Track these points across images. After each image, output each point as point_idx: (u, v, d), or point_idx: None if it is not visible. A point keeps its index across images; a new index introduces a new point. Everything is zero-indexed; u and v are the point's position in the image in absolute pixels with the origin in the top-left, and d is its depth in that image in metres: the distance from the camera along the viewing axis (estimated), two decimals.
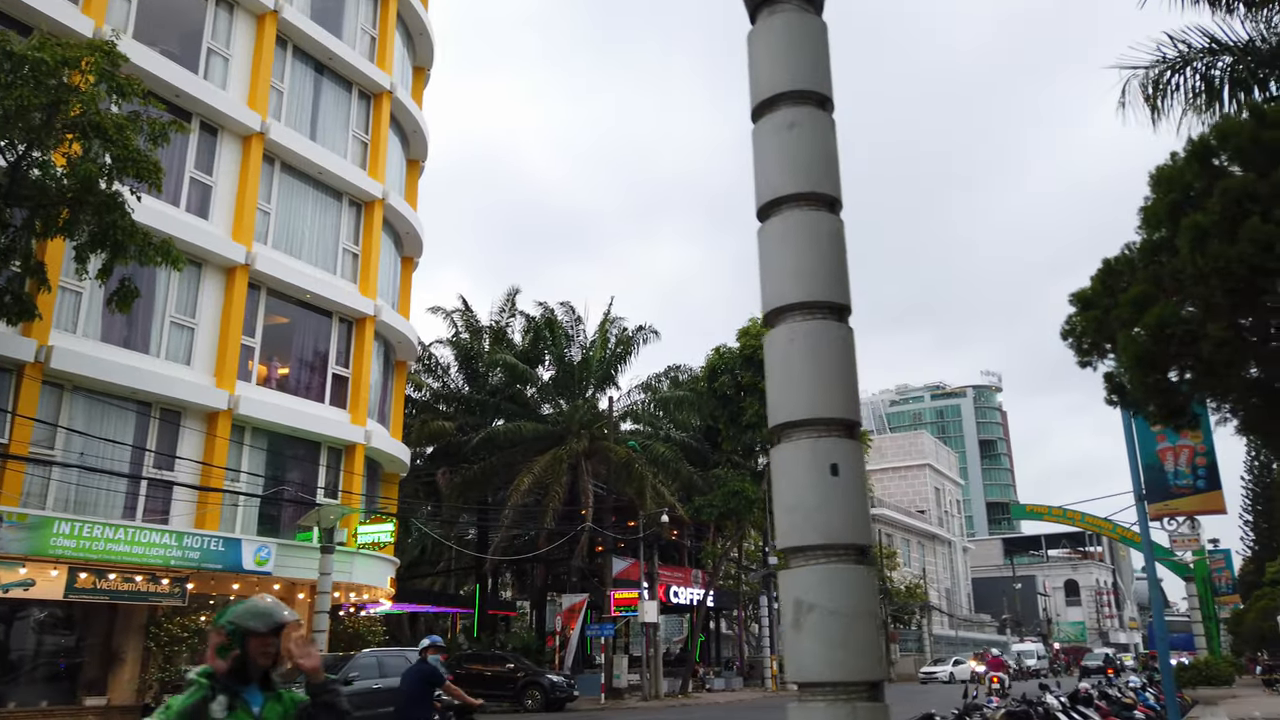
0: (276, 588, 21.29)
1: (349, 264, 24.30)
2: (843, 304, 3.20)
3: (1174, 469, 13.83)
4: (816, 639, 2.84)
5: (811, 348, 3.10)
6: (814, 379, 3.07)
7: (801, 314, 3.16)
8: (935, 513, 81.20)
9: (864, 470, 3.09)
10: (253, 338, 21.44)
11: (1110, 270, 5.07)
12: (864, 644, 2.83)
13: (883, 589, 55.68)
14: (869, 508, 3.07)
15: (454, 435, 35.07)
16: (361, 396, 23.57)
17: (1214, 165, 4.53)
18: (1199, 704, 21.42)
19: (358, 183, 24.30)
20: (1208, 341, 4.22)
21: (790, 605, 2.92)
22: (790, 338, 3.14)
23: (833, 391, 3.06)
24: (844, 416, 3.05)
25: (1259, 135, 4.30)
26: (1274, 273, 3.97)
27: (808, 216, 3.24)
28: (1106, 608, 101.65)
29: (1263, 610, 41.87)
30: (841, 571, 2.91)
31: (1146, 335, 4.41)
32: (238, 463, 20.64)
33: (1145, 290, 4.54)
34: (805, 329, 3.13)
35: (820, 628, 2.84)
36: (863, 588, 2.91)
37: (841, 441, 3.04)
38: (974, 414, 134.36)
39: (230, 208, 21.29)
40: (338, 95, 24.80)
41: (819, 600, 2.87)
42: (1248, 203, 4.17)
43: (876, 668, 2.86)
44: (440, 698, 9.54)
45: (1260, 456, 56.92)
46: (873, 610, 2.91)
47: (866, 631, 2.85)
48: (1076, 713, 12.10)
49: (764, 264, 3.29)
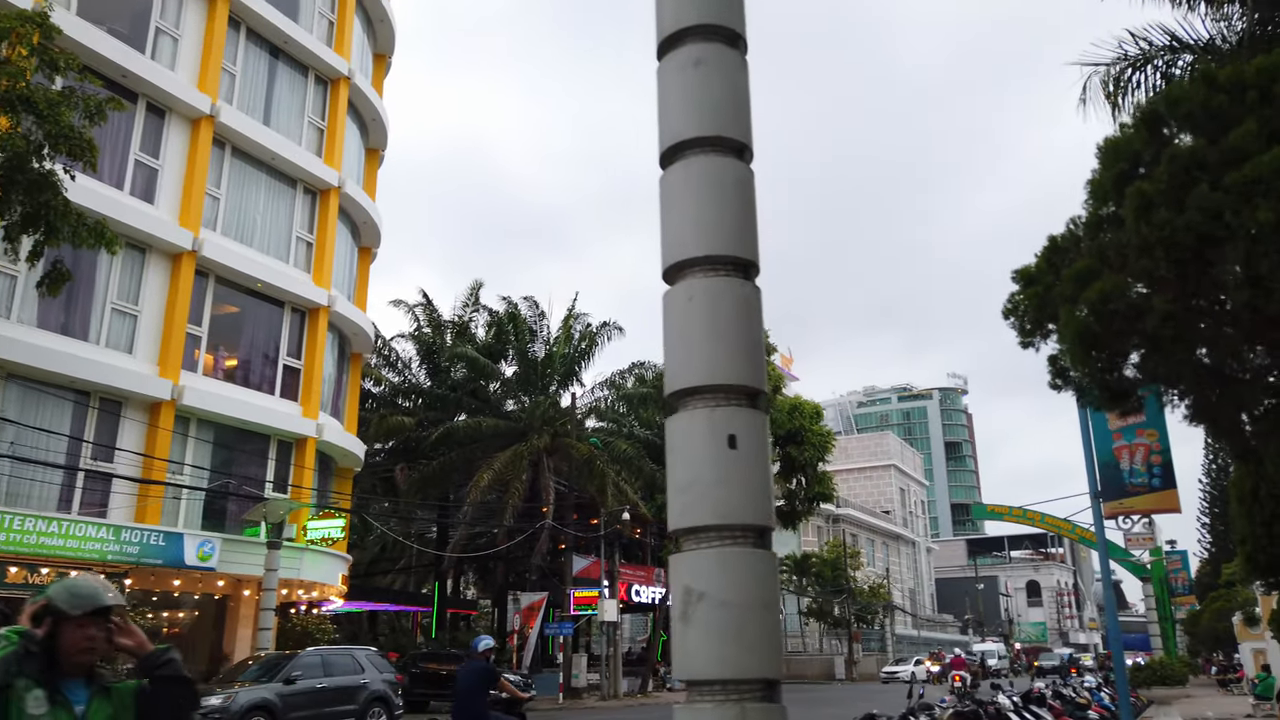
0: (221, 584, 20.71)
1: (303, 253, 23.71)
2: (748, 260, 2.86)
3: (1130, 467, 13.75)
4: (705, 632, 2.51)
5: (712, 306, 2.77)
6: (713, 341, 2.73)
7: (702, 270, 2.82)
8: (900, 513, 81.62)
9: (767, 444, 2.76)
10: (200, 327, 20.81)
11: (1056, 247, 4.81)
12: (759, 638, 2.50)
13: (846, 589, 55.76)
14: (771, 485, 2.74)
15: (414, 430, 34.49)
16: (314, 389, 23.00)
17: (1163, 133, 4.29)
18: (1154, 704, 21.46)
19: (313, 170, 23.71)
20: (1153, 316, 3.95)
21: (679, 594, 2.59)
22: (689, 295, 2.81)
23: (734, 355, 2.73)
24: (746, 383, 2.72)
25: (1209, 100, 4.06)
26: (1222, 242, 3.72)
27: (713, 163, 2.90)
28: (1067, 608, 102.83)
29: (1218, 611, 42.41)
30: (737, 556, 2.58)
31: (1088, 311, 4.14)
32: (182, 455, 20.01)
33: (1089, 265, 4.27)
34: (705, 286, 2.80)
35: (710, 619, 2.51)
36: (760, 575, 2.58)
37: (742, 410, 2.71)
38: (940, 416, 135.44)
39: (177, 192, 20.64)
40: (293, 80, 24.19)
41: (710, 588, 2.54)
42: (1196, 170, 3.92)
43: (772, 665, 2.53)
44: (495, 693, 10.34)
45: (1218, 460, 57.68)
46: (771, 600, 2.58)
47: (763, 624, 2.52)
48: (1029, 713, 11.92)
49: (664, 216, 2.95)
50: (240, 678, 16.95)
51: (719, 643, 2.50)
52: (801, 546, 59.91)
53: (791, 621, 59.77)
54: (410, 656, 28.17)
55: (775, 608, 2.61)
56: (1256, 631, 31.38)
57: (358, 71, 25.97)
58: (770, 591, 2.60)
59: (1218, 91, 4.03)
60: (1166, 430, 14.00)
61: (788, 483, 44.85)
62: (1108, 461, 13.91)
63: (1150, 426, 14.00)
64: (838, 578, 55.72)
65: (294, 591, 22.59)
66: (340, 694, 17.36)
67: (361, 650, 19.60)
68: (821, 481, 44.37)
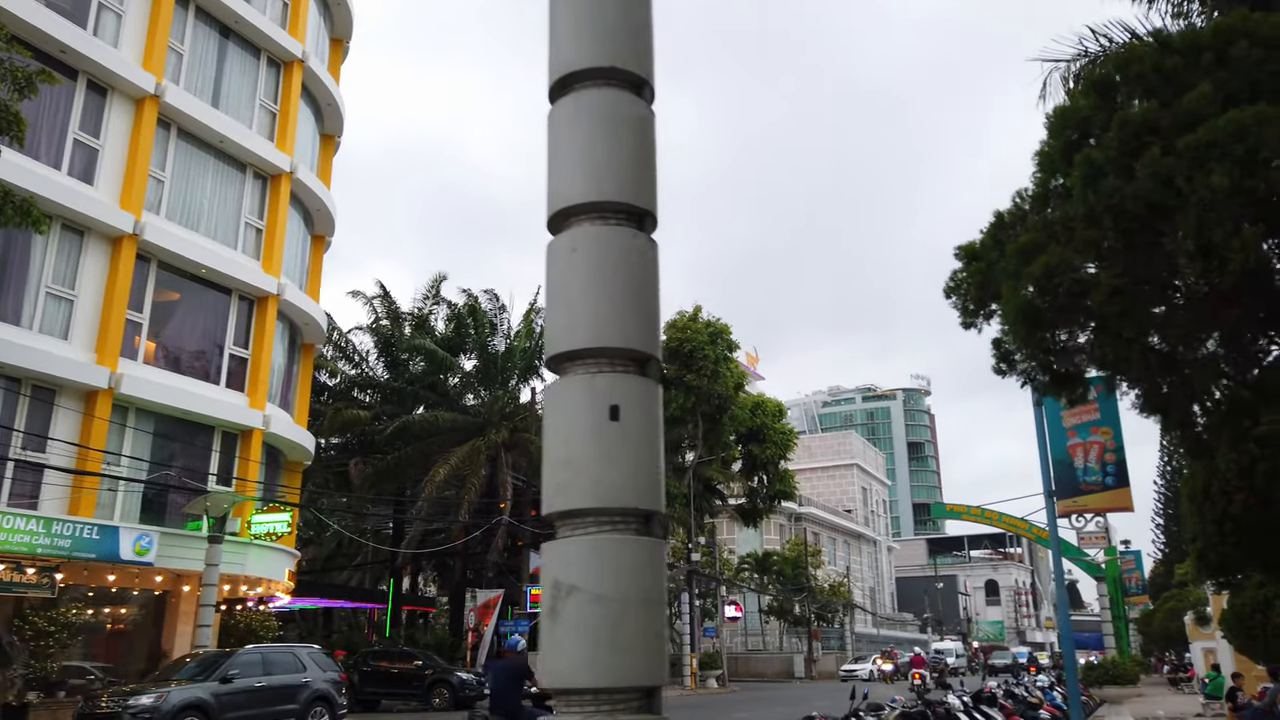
0: (159, 579, 20.04)
1: (251, 239, 23.02)
2: (643, 209, 2.52)
3: (1084, 465, 13.66)
4: (575, 632, 2.16)
5: (598, 259, 2.42)
6: (598, 298, 2.38)
7: (589, 217, 2.47)
8: (862, 512, 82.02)
9: (657, 418, 2.41)
10: (140, 313, 20.09)
11: (1001, 223, 4.52)
12: (638, 639, 2.16)
13: (807, 587, 55.80)
14: (661, 464, 2.40)
15: (369, 424, 33.83)
16: (261, 379, 22.34)
17: (1114, 99, 4.02)
18: (1106, 703, 21.53)
19: (264, 154, 23.03)
20: (1099, 292, 3.67)
21: (548, 588, 2.24)
22: (572, 246, 2.45)
23: (622, 315, 2.38)
24: (634, 347, 2.38)
25: (1162, 63, 3.80)
26: (1173, 211, 3.44)
27: (605, 97, 2.55)
28: (1025, 607, 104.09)
29: (1170, 611, 42.95)
30: (616, 544, 2.23)
31: (1032, 287, 3.85)
32: (119, 446, 19.31)
33: (1034, 239, 3.98)
34: (592, 235, 2.44)
35: (581, 617, 2.16)
36: (642, 566, 2.23)
37: (627, 378, 2.36)
38: (903, 416, 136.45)
39: (119, 173, 19.90)
40: (244, 61, 23.48)
41: (583, 581, 2.19)
42: (1148, 136, 3.65)
43: (652, 670, 2.19)
44: (528, 689, 10.91)
45: (1172, 461, 58.49)
46: (654, 596, 2.24)
47: (643, 623, 2.18)
48: (979, 713, 11.72)
49: (551, 157, 2.59)
50: (175, 676, 16.33)
51: (590, 645, 2.15)
52: (763, 545, 59.89)
53: (752, 620, 59.76)
54: (362, 654, 27.58)
55: (659, 604, 2.26)
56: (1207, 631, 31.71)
57: (313, 55, 25.31)
58: (654, 585, 2.26)
59: (1171, 54, 3.76)
60: (1121, 429, 13.94)
61: (749, 480, 44.79)
62: (1062, 460, 13.82)
63: (1105, 425, 13.94)
64: (798, 576, 55.75)
65: (237, 587, 21.94)
66: (280, 693, 16.79)
67: (304, 648, 19.02)
68: (783, 479, 44.38)
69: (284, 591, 23.88)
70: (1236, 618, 15.52)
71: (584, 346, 2.37)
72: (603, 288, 2.40)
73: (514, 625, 31.43)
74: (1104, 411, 13.78)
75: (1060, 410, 14.24)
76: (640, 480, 2.30)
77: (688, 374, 35.42)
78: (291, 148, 23.98)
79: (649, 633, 2.19)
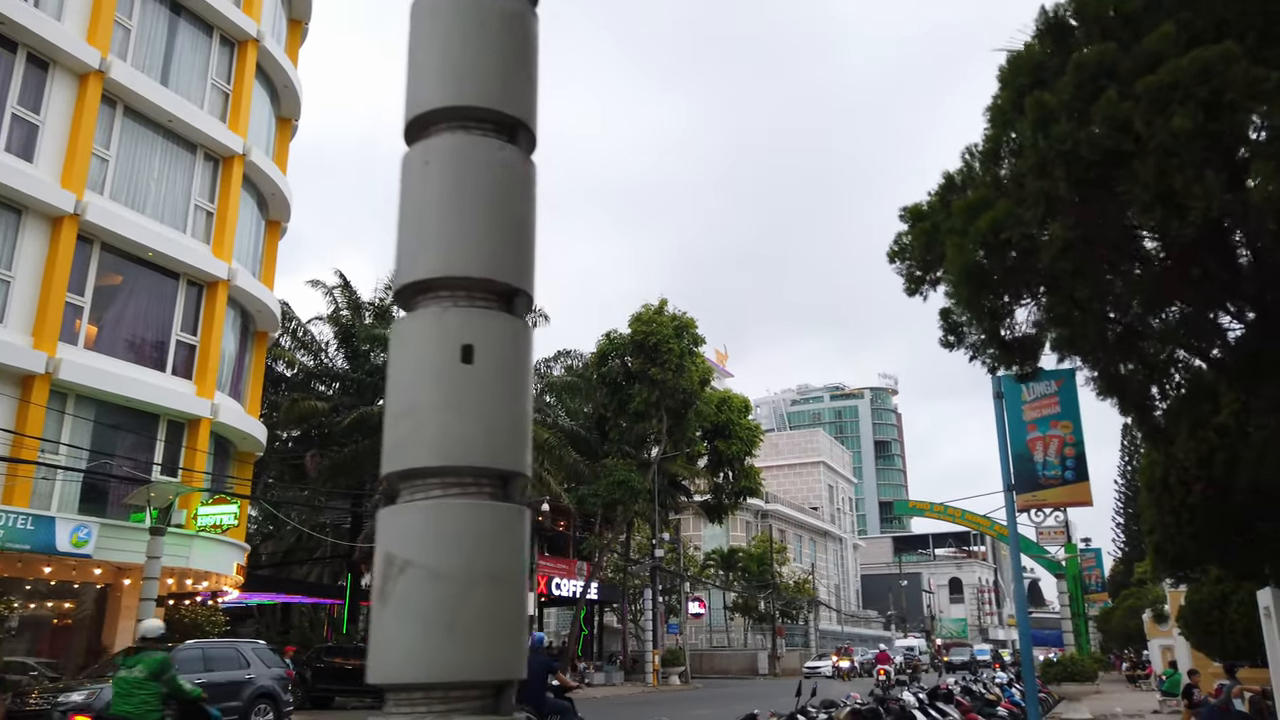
0: (99, 571, 19.36)
1: (201, 222, 22.32)
2: (515, 118, 2.13)
3: (1043, 459, 13.47)
4: (405, 617, 1.77)
5: (455, 174, 2.03)
6: (453, 220, 1.99)
7: (448, 124, 2.09)
8: (828, 510, 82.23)
9: (525, 363, 2.03)
10: (82, 296, 19.36)
11: (951, 184, 4.19)
12: (483, 625, 1.78)
13: (772, 584, 55.74)
14: (526, 417, 2.01)
15: (327, 416, 33.11)
16: (210, 367, 21.66)
17: (1070, 43, 3.71)
18: (1064, 700, 21.49)
19: (215, 135, 22.33)
20: (1050, 247, 3.34)
21: (379, 565, 1.86)
22: (425, 159, 2.06)
23: (483, 240, 1.99)
24: (494, 278, 1.99)
25: (1121, 4, 3.48)
26: (1130, 158, 3.12)
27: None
28: (988, 605, 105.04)
29: (1129, 609, 43.37)
30: (461, 510, 1.85)
31: (979, 246, 3.51)
32: (58, 434, 18.59)
33: (983, 195, 3.65)
34: (450, 146, 2.05)
35: (413, 598, 1.77)
36: (494, 537, 1.85)
37: (486, 314, 1.98)
38: (870, 415, 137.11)
39: (60, 151, 19.15)
40: (196, 39, 22.76)
41: (417, 555, 1.80)
42: (1105, 79, 3.33)
43: (504, 661, 1.81)
44: (552, 683, 11.65)
45: (1133, 461, 59.15)
46: (510, 574, 1.85)
47: (492, 605, 1.80)
48: (935, 709, 11.48)
49: (410, 56, 2.20)
50: (110, 673, 15.72)
51: (422, 632, 1.76)
52: (729, 541, 59.75)
53: (716, 616, 59.62)
54: (315, 650, 26.98)
55: (515, 583, 1.87)
56: (1165, 629, 31.96)
57: (269, 35, 24.61)
58: (510, 560, 1.87)
59: None
60: (1081, 422, 13.77)
61: (715, 476, 44.54)
62: (1022, 454, 13.61)
63: (1065, 418, 13.75)
64: (764, 573, 55.67)
65: (182, 581, 21.28)
66: (221, 690, 16.21)
67: (248, 644, 18.46)
68: (748, 475, 44.18)
69: (233, 586, 23.22)
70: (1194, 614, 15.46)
71: (434, 275, 1.98)
72: (459, 206, 2.01)
73: None
74: (1064, 404, 13.60)
75: (1021, 404, 14.05)
76: (497, 435, 1.91)
77: (652, 367, 35.05)
78: (245, 129, 23.29)
79: (499, 617, 1.81)
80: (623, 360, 35.53)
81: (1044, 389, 13.75)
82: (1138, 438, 51.94)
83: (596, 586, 38.86)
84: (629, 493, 34.20)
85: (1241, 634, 14.35)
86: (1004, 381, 13.62)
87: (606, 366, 35.82)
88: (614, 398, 36.29)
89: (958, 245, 3.61)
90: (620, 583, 41.42)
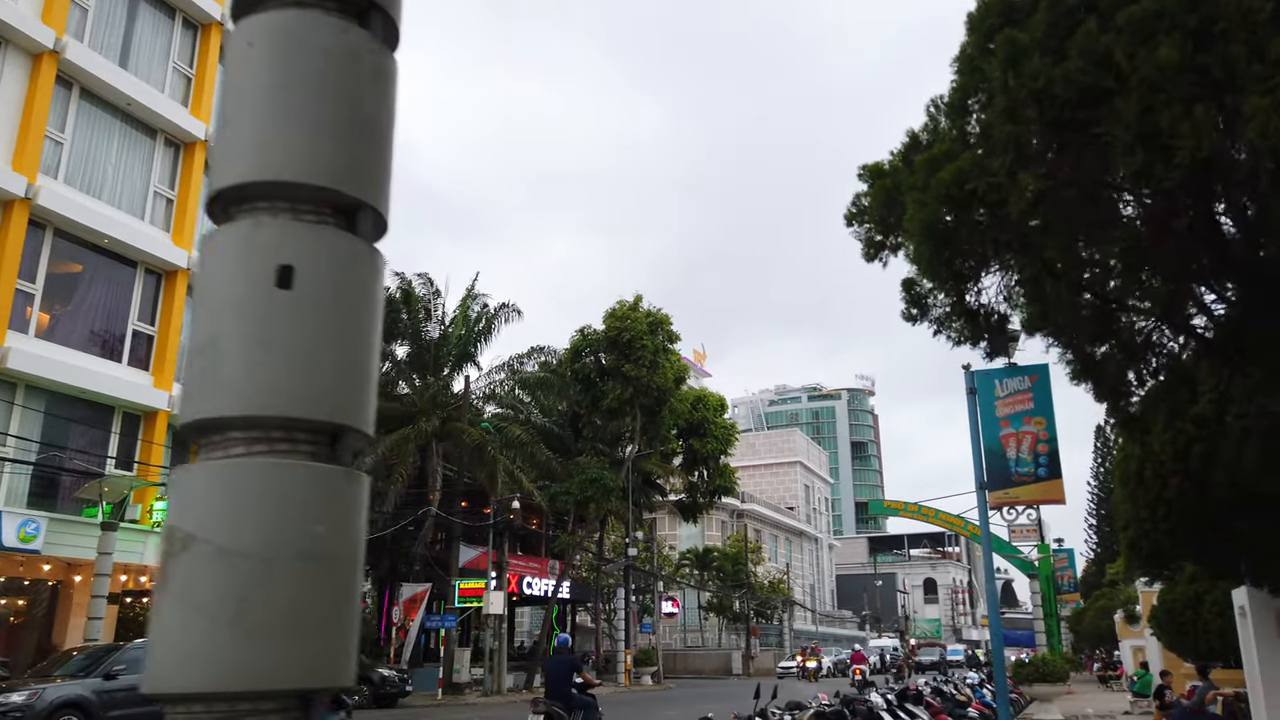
0: (48, 568, 18.74)
1: (161, 209, 21.71)
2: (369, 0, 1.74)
3: (1016, 456, 13.21)
4: (184, 607, 1.38)
5: (282, 57, 1.63)
6: (277, 113, 1.60)
7: (281, 2, 1.70)
8: (804, 510, 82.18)
9: (368, 292, 1.63)
10: (33, 283, 18.73)
11: (916, 143, 3.83)
12: (286, 619, 1.38)
13: (747, 583, 55.51)
14: (367, 360, 1.61)
15: None
16: (169, 358, 21.08)
17: None
18: (1035, 700, 21.30)
19: (177, 120, 21.74)
20: (1018, 199, 2.99)
21: (162, 541, 1.46)
22: (249, 39, 1.67)
23: (314, 139, 1.60)
24: (329, 185, 1.60)
25: None
26: (1110, 96, 2.78)
27: None
28: (961, 605, 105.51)
29: (1101, 609, 43.43)
30: (264, 472, 1.46)
31: (941, 198, 3.15)
32: (6, 424, 17.96)
33: (947, 148, 3.29)
34: (279, 24, 1.66)
35: (194, 583, 1.38)
36: (310, 507, 1.46)
37: (313, 229, 1.59)
38: (848, 416, 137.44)
39: (11, 133, 18.51)
40: (157, 21, 22.13)
41: (204, 529, 1.41)
42: (1082, 12, 2.99)
43: (316, 665, 1.41)
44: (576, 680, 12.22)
45: (1106, 462, 59.43)
46: (331, 556, 1.45)
47: (300, 593, 1.41)
48: (904, 711, 11.17)
49: None
50: (57, 672, 15.15)
51: (205, 626, 1.36)
52: (704, 541, 59.46)
53: (690, 616, 59.31)
54: None
55: (339, 566, 1.47)
56: (1136, 629, 31.94)
57: None
58: (329, 536, 1.47)
59: None
60: (1054, 419, 13.52)
61: (690, 475, 44.21)
62: (995, 450, 13.36)
63: (1039, 415, 13.51)
64: (739, 572, 55.41)
65: (137, 578, 20.67)
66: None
67: None
68: (724, 474, 43.86)
69: None
70: (1167, 614, 15.27)
71: (248, 180, 1.58)
72: (285, 98, 1.61)
73: (440, 620, 30.42)
74: (1038, 401, 13.36)
75: (994, 400, 13.80)
76: (320, 378, 1.52)
77: (626, 364, 34.65)
78: (208, 115, 22.67)
79: (311, 608, 1.41)
80: (597, 356, 35.13)
81: (1018, 384, 13.51)
82: (1111, 439, 52.10)
83: (569, 586, 38.41)
84: (602, 491, 33.79)
85: (1215, 634, 14.17)
86: (977, 377, 13.38)
87: (580, 363, 35.41)
88: (587, 394, 35.88)
89: (919, 201, 3.25)
90: (593, 582, 40.98)
